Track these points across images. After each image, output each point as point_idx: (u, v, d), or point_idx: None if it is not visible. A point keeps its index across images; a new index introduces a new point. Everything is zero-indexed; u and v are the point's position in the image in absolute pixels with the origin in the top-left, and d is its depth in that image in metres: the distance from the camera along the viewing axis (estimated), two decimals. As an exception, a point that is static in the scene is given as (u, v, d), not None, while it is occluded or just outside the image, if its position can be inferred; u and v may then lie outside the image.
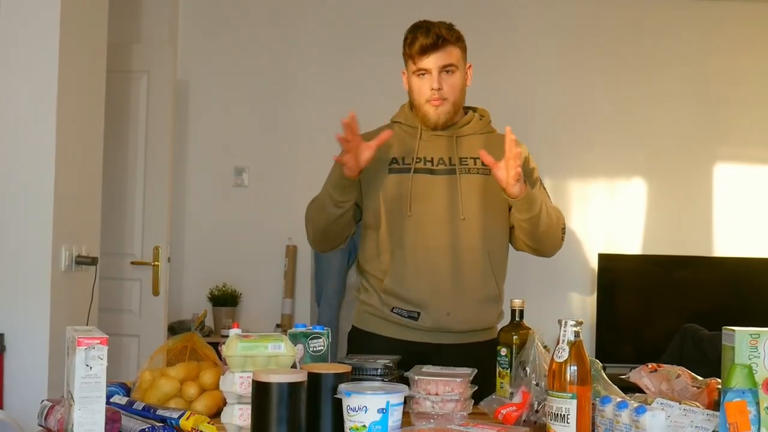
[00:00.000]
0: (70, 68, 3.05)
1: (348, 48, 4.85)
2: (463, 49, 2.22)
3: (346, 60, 4.85)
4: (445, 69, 2.17)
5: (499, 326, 2.24)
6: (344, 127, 2.05)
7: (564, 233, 2.27)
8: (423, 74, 2.18)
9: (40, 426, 1.66)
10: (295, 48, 4.85)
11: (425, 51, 2.15)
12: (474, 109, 2.32)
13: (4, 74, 2.92)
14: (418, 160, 2.22)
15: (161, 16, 4.55)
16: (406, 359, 1.96)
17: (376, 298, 2.24)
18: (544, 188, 2.30)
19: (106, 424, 1.46)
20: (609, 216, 4.89)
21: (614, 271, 4.77)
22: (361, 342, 2.26)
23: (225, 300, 4.66)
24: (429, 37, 2.15)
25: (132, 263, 4.22)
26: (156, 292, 4.19)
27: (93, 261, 3.23)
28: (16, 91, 2.94)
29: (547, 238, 2.21)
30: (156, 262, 4.18)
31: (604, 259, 4.75)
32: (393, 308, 2.20)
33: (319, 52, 4.86)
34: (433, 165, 2.22)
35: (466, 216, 2.17)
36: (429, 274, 2.18)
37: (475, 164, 2.22)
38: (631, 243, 4.91)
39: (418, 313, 2.18)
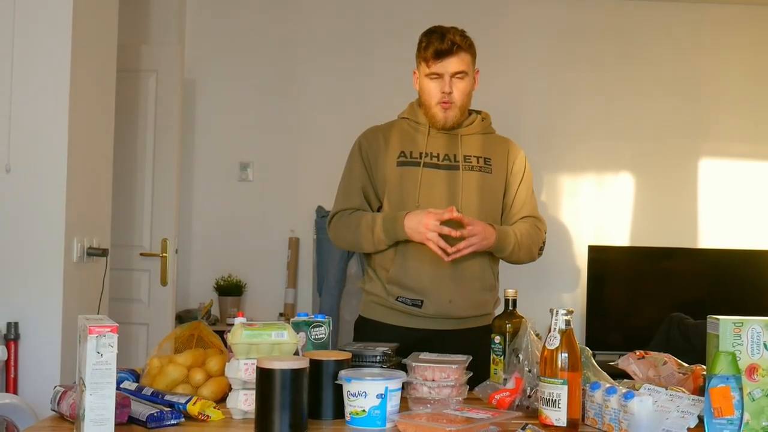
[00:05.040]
0: (81, 68, 3.10)
1: (351, 46, 4.89)
2: (474, 56, 2.30)
3: (348, 58, 4.88)
4: (457, 75, 2.25)
5: (495, 312, 2.32)
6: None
7: (542, 248, 2.41)
8: (435, 78, 2.26)
9: (53, 411, 1.69)
10: (298, 47, 4.89)
11: (439, 56, 2.23)
12: (477, 112, 2.41)
13: (19, 74, 2.97)
14: (425, 155, 2.30)
15: (169, 18, 4.60)
16: (411, 346, 2.02)
17: (381, 288, 2.32)
18: (534, 196, 2.42)
19: (116, 408, 1.48)
20: (598, 209, 4.94)
21: (603, 262, 4.82)
22: (367, 331, 2.33)
23: (230, 290, 4.72)
24: (444, 43, 2.23)
25: (141, 254, 4.26)
26: (164, 282, 4.25)
27: (104, 252, 3.27)
28: (31, 89, 2.98)
29: (519, 261, 2.36)
30: (164, 254, 4.23)
31: (593, 250, 4.81)
32: (397, 297, 2.28)
33: (322, 50, 4.89)
34: (438, 160, 2.30)
35: (465, 210, 2.24)
36: (431, 265, 2.25)
37: (477, 162, 2.32)
38: (619, 235, 4.97)
39: (422, 301, 2.26)
